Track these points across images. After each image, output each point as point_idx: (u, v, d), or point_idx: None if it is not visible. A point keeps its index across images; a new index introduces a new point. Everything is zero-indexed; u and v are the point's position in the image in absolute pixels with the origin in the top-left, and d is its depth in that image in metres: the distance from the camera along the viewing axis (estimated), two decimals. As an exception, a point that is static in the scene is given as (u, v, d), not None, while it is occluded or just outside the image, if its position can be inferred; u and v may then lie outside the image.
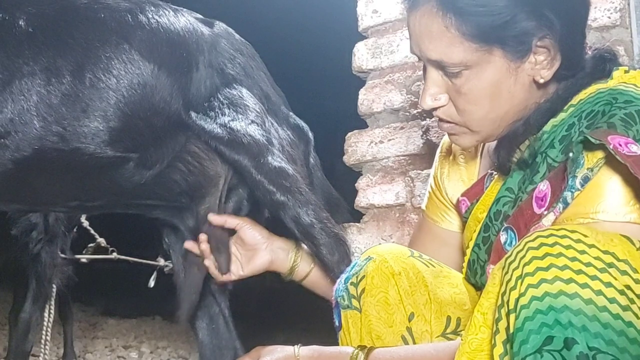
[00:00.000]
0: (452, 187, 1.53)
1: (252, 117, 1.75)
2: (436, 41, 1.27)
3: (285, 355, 1.38)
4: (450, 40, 1.26)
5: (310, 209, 1.70)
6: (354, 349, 1.33)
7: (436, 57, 1.28)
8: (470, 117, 1.32)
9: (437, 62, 1.29)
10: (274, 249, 1.75)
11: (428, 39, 1.29)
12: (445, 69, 1.29)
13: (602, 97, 1.19)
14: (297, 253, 1.76)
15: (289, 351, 1.39)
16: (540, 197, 1.20)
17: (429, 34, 1.28)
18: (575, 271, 0.94)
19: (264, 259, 1.74)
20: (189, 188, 1.77)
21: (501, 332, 0.99)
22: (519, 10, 1.23)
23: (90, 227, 2.52)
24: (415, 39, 1.32)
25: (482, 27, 1.24)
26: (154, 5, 1.73)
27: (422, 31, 1.29)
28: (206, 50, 1.75)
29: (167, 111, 1.67)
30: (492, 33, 1.24)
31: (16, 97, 1.54)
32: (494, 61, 1.26)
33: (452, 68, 1.28)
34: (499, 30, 1.24)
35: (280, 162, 1.72)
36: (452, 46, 1.26)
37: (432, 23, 1.27)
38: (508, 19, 1.23)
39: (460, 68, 1.27)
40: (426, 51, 1.30)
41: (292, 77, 2.80)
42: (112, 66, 1.61)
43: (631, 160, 1.04)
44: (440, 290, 1.44)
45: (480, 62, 1.26)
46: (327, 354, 1.36)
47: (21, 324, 3.07)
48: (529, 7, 1.23)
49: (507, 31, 1.24)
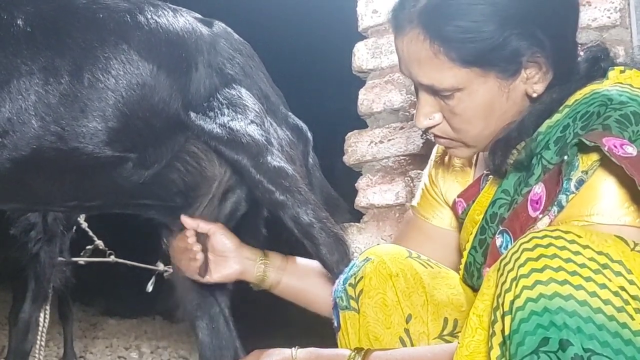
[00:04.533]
0: (448, 188, 1.53)
1: (252, 117, 1.75)
2: (426, 67, 1.27)
3: (283, 357, 1.38)
4: (440, 66, 1.25)
5: (309, 209, 1.69)
6: (351, 352, 1.33)
7: (427, 82, 1.28)
8: (465, 135, 1.32)
9: (428, 86, 1.29)
10: (243, 259, 1.70)
11: (417, 65, 1.28)
12: (437, 92, 1.29)
13: (597, 98, 1.18)
14: (265, 263, 1.70)
15: (287, 354, 1.39)
16: (535, 200, 1.20)
17: (418, 60, 1.27)
18: (570, 272, 0.93)
19: (233, 269, 1.70)
20: (185, 188, 1.77)
21: (497, 334, 0.99)
22: (508, 33, 1.22)
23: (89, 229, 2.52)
24: (405, 62, 1.31)
25: (472, 52, 1.23)
26: (153, 5, 1.73)
27: (410, 56, 1.29)
28: (205, 51, 1.75)
29: (166, 111, 1.67)
30: (482, 57, 1.23)
31: (14, 96, 1.54)
32: (486, 82, 1.25)
33: (444, 91, 1.27)
34: (489, 54, 1.23)
35: (280, 161, 1.72)
36: (443, 72, 1.25)
37: (420, 49, 1.26)
38: (498, 43, 1.22)
39: (452, 91, 1.26)
40: (417, 76, 1.29)
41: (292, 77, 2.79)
42: (110, 66, 1.60)
43: (627, 162, 1.03)
44: (437, 291, 1.44)
45: (472, 83, 1.25)
46: (324, 356, 1.36)
47: (20, 324, 3.07)
48: (519, 29, 1.22)
49: (497, 54, 1.23)
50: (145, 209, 1.86)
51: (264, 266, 1.70)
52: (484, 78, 1.25)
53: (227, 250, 1.70)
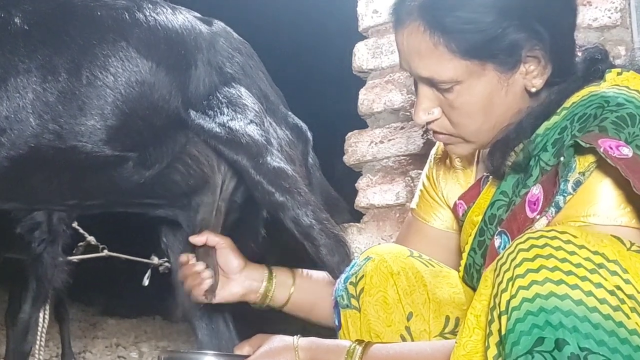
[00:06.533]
0: (449, 190, 1.53)
1: (251, 117, 1.74)
2: (425, 59, 1.27)
3: (284, 344, 1.39)
4: (439, 58, 1.25)
5: (309, 210, 1.69)
6: (352, 343, 1.34)
7: (426, 74, 1.28)
8: (464, 129, 1.32)
9: (427, 79, 1.29)
10: (247, 281, 1.64)
11: (417, 57, 1.28)
12: (436, 85, 1.29)
13: (594, 100, 1.18)
14: (271, 283, 1.64)
15: (288, 341, 1.39)
16: (533, 201, 1.20)
17: (418, 52, 1.28)
18: (565, 272, 0.93)
19: (236, 290, 1.64)
20: (188, 189, 1.77)
21: (494, 334, 0.99)
22: (507, 24, 1.22)
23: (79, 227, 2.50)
24: (404, 56, 1.32)
25: (472, 43, 1.23)
26: (152, 3, 1.72)
27: (410, 49, 1.29)
28: (205, 49, 1.75)
29: (166, 109, 1.67)
30: (482, 49, 1.24)
31: (12, 94, 1.53)
32: (485, 74, 1.26)
33: (443, 84, 1.27)
34: (488, 45, 1.23)
35: (279, 162, 1.72)
36: (442, 63, 1.25)
37: (420, 41, 1.26)
38: (497, 34, 1.23)
39: (451, 84, 1.27)
40: (416, 69, 1.30)
41: (292, 77, 2.79)
42: (109, 64, 1.60)
43: (622, 163, 1.04)
44: (439, 290, 1.45)
45: (472, 76, 1.26)
46: (324, 346, 1.37)
47: (20, 325, 3.05)
48: (518, 21, 1.23)
49: (496, 45, 1.23)
50: (149, 209, 1.86)
51: (269, 286, 1.64)
52: (483, 71, 1.25)
53: (231, 270, 1.64)
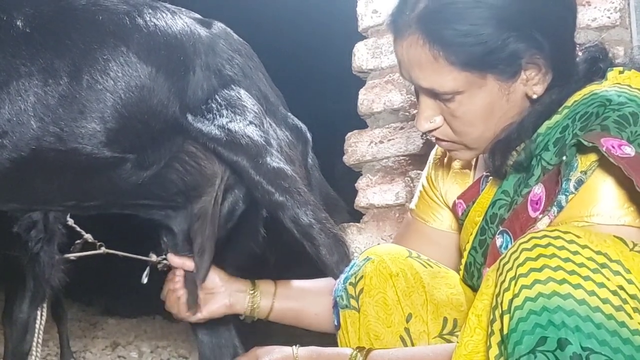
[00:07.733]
0: (448, 189, 1.53)
1: (251, 118, 1.74)
2: (426, 71, 1.27)
3: (283, 355, 1.39)
4: (440, 70, 1.25)
5: (309, 210, 1.69)
6: (353, 350, 1.33)
7: (427, 85, 1.28)
8: (466, 137, 1.33)
9: (428, 89, 1.29)
10: (232, 293, 1.67)
11: (418, 68, 1.28)
12: (438, 95, 1.29)
13: (596, 99, 1.18)
14: (255, 293, 1.67)
15: (287, 352, 1.39)
16: (535, 201, 1.20)
17: (418, 64, 1.28)
18: (568, 272, 0.94)
19: (222, 303, 1.67)
20: (185, 188, 1.76)
21: (496, 334, 0.99)
22: (507, 35, 1.22)
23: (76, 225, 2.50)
24: (405, 66, 1.32)
25: (471, 55, 1.23)
26: (152, 7, 1.72)
27: (410, 60, 1.29)
28: (203, 53, 1.75)
29: (164, 114, 1.67)
30: (482, 60, 1.24)
31: (13, 97, 1.53)
32: (486, 84, 1.26)
33: (445, 95, 1.28)
34: (488, 57, 1.24)
35: (279, 162, 1.72)
36: (443, 75, 1.26)
37: (420, 53, 1.27)
38: (497, 45, 1.23)
39: (452, 94, 1.27)
40: (417, 79, 1.30)
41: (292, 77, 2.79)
42: (109, 68, 1.60)
43: (624, 162, 1.04)
44: (437, 291, 1.45)
45: (472, 86, 1.26)
46: (325, 354, 1.37)
47: (19, 325, 3.05)
48: (517, 31, 1.23)
49: (496, 56, 1.23)
50: (145, 210, 1.86)
51: (253, 296, 1.66)
52: (484, 80, 1.26)
53: (215, 286, 1.68)
